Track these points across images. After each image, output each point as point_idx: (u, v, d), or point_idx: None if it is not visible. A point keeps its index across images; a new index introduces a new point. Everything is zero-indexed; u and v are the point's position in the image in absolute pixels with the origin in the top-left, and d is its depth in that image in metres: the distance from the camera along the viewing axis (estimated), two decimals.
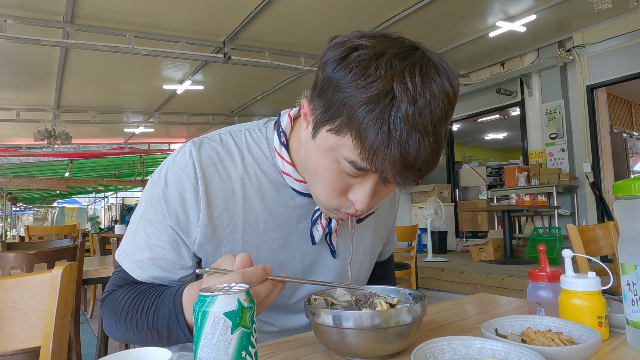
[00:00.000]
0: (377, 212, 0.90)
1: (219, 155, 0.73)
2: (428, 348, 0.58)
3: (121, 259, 0.75)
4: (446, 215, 6.25)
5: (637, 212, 0.65)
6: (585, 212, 5.68)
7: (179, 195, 0.70)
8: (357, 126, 0.55)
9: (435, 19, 5.02)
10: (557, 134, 5.85)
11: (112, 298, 0.74)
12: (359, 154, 0.57)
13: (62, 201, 22.78)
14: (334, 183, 0.63)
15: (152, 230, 0.72)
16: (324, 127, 0.60)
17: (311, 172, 0.66)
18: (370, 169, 0.58)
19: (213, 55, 5.40)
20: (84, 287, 4.47)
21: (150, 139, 10.80)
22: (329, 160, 0.62)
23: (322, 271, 0.82)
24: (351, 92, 0.55)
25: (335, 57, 0.58)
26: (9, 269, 1.84)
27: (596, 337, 0.60)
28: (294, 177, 0.74)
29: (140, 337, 0.70)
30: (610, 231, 1.50)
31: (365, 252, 0.88)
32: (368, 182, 0.62)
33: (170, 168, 0.72)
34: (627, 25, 5.20)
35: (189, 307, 0.65)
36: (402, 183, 0.59)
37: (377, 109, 0.54)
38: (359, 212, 0.66)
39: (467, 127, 9.36)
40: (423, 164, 0.57)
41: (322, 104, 0.60)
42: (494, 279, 4.39)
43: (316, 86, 0.62)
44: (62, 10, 4.34)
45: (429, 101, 0.54)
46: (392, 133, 0.54)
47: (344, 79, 0.56)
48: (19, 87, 6.49)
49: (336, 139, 0.59)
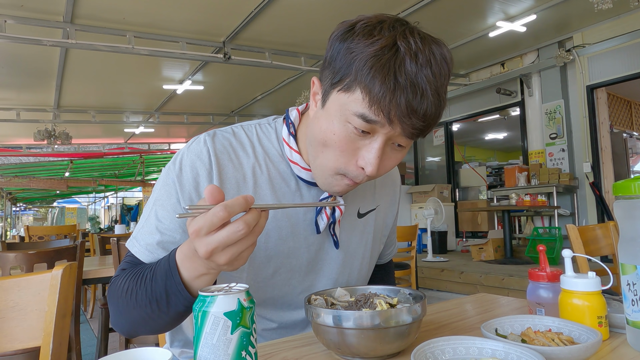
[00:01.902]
0: (377, 209, 0.91)
1: (232, 145, 0.77)
2: (428, 348, 0.58)
3: (131, 245, 0.75)
4: (446, 215, 6.25)
5: (637, 212, 0.65)
6: (585, 212, 5.68)
7: (194, 179, 0.73)
8: (365, 78, 0.60)
9: (435, 19, 5.02)
10: (557, 134, 5.85)
11: (117, 281, 0.72)
12: (367, 104, 0.60)
13: (62, 201, 22.79)
14: (342, 146, 0.66)
15: (164, 214, 0.73)
16: (334, 89, 0.65)
17: (319, 140, 0.68)
18: (379, 119, 0.61)
19: (213, 55, 5.40)
20: (84, 287, 4.48)
21: (150, 139, 10.80)
22: (338, 123, 0.65)
23: (325, 262, 0.83)
24: (358, 51, 0.60)
25: (341, 31, 0.65)
26: (9, 269, 1.84)
27: (596, 337, 0.60)
28: (301, 165, 0.77)
29: (142, 313, 0.67)
30: (610, 231, 1.50)
31: (366, 247, 0.89)
32: (376, 142, 0.65)
33: (186, 155, 0.75)
34: (627, 25, 5.20)
35: (183, 262, 0.61)
36: (408, 131, 0.63)
37: (382, 60, 0.59)
38: (367, 179, 0.68)
39: (467, 127, 9.36)
40: (427, 110, 0.61)
41: (332, 71, 0.65)
42: (494, 279, 4.39)
43: (325, 62, 0.67)
44: (62, 10, 4.34)
45: (429, 58, 0.60)
46: (397, 80, 0.59)
47: (351, 43, 0.62)
48: (19, 87, 6.49)
49: (346, 97, 0.63)
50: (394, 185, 0.97)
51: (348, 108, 0.63)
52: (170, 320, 0.67)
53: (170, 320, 0.67)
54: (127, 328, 0.72)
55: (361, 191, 0.88)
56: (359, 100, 0.61)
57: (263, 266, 0.77)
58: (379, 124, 0.62)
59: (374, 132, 0.64)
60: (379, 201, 0.92)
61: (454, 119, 7.55)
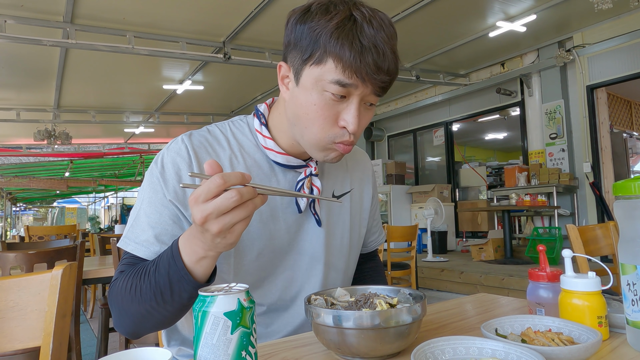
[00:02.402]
0: (352, 192, 0.98)
1: (208, 141, 0.83)
2: (428, 348, 0.58)
3: (124, 244, 0.77)
4: (446, 215, 6.25)
5: (637, 212, 0.65)
6: (585, 212, 5.68)
7: (176, 173, 0.78)
8: (334, 48, 0.67)
9: (435, 19, 5.02)
10: (557, 134, 5.85)
11: (117, 283, 0.73)
12: (341, 70, 0.68)
13: (62, 201, 22.79)
14: (324, 113, 0.73)
15: (152, 210, 0.76)
16: (306, 65, 0.72)
17: (301, 116, 0.75)
18: (353, 81, 0.69)
19: (213, 55, 5.40)
20: (84, 287, 4.48)
21: (150, 139, 10.80)
22: (316, 94, 0.72)
23: (307, 241, 0.87)
24: (321, 27, 0.68)
25: (298, 15, 0.72)
26: (9, 269, 1.84)
27: (596, 337, 0.60)
28: (276, 150, 0.83)
29: (146, 307, 0.68)
30: (610, 231, 1.50)
31: (344, 226, 0.93)
32: (352, 104, 0.72)
33: (166, 154, 0.80)
34: (627, 25, 5.20)
35: (184, 247, 0.64)
36: (377, 88, 0.71)
37: (345, 29, 0.67)
38: (352, 138, 0.75)
39: (467, 127, 9.36)
40: (389, 66, 0.70)
41: (299, 51, 0.72)
42: (494, 279, 4.39)
43: (289, 45, 0.74)
44: (62, 10, 4.34)
45: (380, 23, 0.70)
46: (362, 43, 0.67)
47: (312, 22, 0.69)
48: (19, 87, 6.49)
49: (319, 69, 0.70)
50: (364, 168, 1.04)
51: (323, 78, 0.70)
52: (175, 312, 0.69)
53: (175, 311, 0.69)
54: (131, 327, 0.73)
55: (334, 175, 0.94)
56: (332, 69, 0.69)
57: (248, 249, 0.81)
58: (353, 86, 0.70)
59: (349, 95, 0.72)
60: (354, 184, 0.98)
61: (454, 119, 7.55)
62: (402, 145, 8.88)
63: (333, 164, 0.94)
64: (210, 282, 0.67)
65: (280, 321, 0.85)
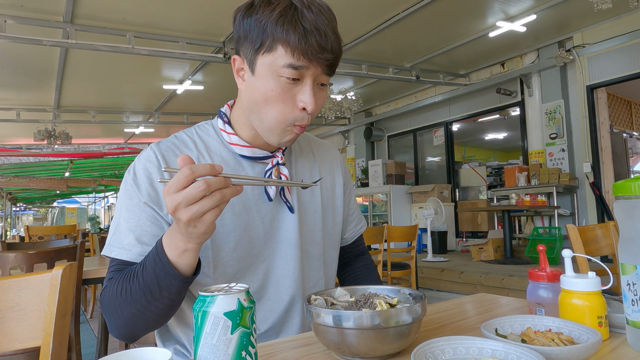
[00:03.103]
0: (322, 180, 1.01)
1: (175, 145, 0.88)
2: (428, 348, 0.58)
3: (108, 251, 0.80)
4: (446, 215, 6.25)
5: (637, 212, 0.65)
6: (585, 212, 5.68)
7: (147, 177, 0.82)
8: (280, 34, 0.73)
9: (435, 19, 5.02)
10: (557, 134, 5.85)
11: (107, 290, 0.76)
12: (290, 54, 0.73)
13: (62, 201, 22.79)
14: (282, 97, 0.77)
15: (130, 215, 0.80)
16: (258, 54, 0.77)
17: (260, 102, 0.79)
18: (302, 63, 0.74)
19: (213, 55, 5.40)
20: (84, 287, 4.48)
21: (150, 139, 10.79)
22: (272, 80, 0.76)
23: (282, 229, 0.90)
24: (266, 17, 0.74)
25: (244, 11, 0.78)
26: (9, 269, 1.84)
27: (596, 337, 0.60)
28: (241, 144, 0.87)
29: (138, 307, 0.71)
30: (610, 231, 1.50)
31: (316, 212, 0.96)
32: (306, 85, 0.77)
33: (137, 162, 0.85)
34: (627, 25, 5.20)
35: (167, 242, 0.68)
36: (325, 67, 0.77)
37: (288, 16, 0.73)
38: (311, 117, 0.80)
39: (467, 127, 9.35)
40: (332, 46, 0.75)
41: (250, 42, 0.77)
42: (494, 279, 4.39)
43: (239, 39, 0.80)
44: (62, 10, 4.34)
45: (319, 8, 0.75)
46: (305, 27, 0.73)
47: (257, 14, 0.75)
48: (19, 87, 6.49)
49: (270, 56, 0.75)
50: (333, 159, 1.07)
51: (276, 64, 0.75)
52: (165, 308, 0.72)
53: (165, 308, 0.72)
54: (125, 329, 0.75)
55: (301, 164, 0.98)
56: (283, 54, 0.74)
57: (224, 241, 0.84)
58: (304, 68, 0.75)
59: (302, 77, 0.76)
60: (323, 173, 1.02)
61: (454, 119, 7.55)
62: (402, 145, 8.88)
63: (300, 155, 0.98)
64: (196, 275, 0.72)
65: (265, 309, 0.87)
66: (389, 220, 7.42)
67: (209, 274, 0.82)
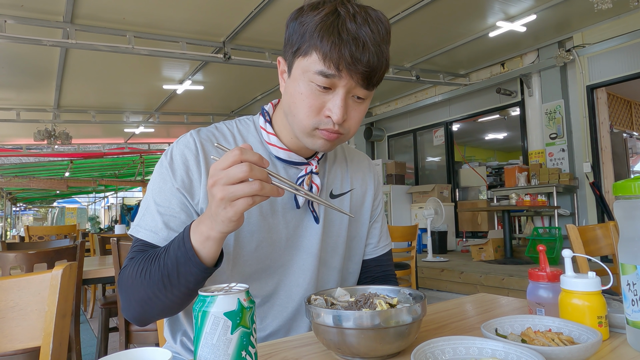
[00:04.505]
0: (352, 191, 0.99)
1: (215, 136, 0.88)
2: (428, 348, 0.58)
3: (135, 231, 0.80)
4: (446, 215, 6.25)
5: (637, 212, 0.65)
6: (585, 212, 5.68)
7: (183, 164, 0.82)
8: (316, 41, 0.72)
9: (435, 19, 5.02)
10: (557, 134, 5.85)
11: (127, 269, 0.75)
12: (323, 62, 0.72)
13: (62, 201, 22.79)
14: (310, 102, 0.76)
15: (161, 199, 0.80)
16: (295, 58, 0.77)
17: (291, 104, 0.79)
18: (333, 72, 0.73)
19: (213, 55, 5.40)
20: (84, 287, 4.48)
21: (150, 139, 10.80)
22: (303, 84, 0.76)
23: (305, 237, 0.90)
24: (308, 21, 0.74)
25: (294, 14, 0.78)
26: (9, 269, 1.84)
27: (596, 337, 0.60)
28: (279, 145, 0.87)
29: (154, 290, 0.71)
30: (610, 231, 1.50)
31: (341, 224, 0.95)
32: (337, 95, 0.76)
33: (175, 147, 0.85)
34: (627, 25, 5.20)
35: (195, 227, 0.67)
36: (359, 80, 0.74)
37: (327, 23, 0.72)
38: (337, 128, 0.78)
39: (467, 127, 9.35)
40: (369, 59, 0.72)
41: (291, 45, 0.77)
42: (494, 279, 4.39)
43: (285, 42, 0.80)
44: (62, 10, 4.34)
45: (365, 18, 0.73)
46: (341, 36, 0.71)
47: (302, 17, 0.75)
48: (19, 87, 6.49)
49: (305, 61, 0.75)
50: (367, 171, 1.06)
51: (309, 69, 0.74)
52: (180, 296, 0.71)
53: (181, 296, 0.71)
54: (137, 311, 0.75)
55: (333, 175, 0.97)
56: (316, 61, 0.73)
57: (247, 240, 0.84)
58: (336, 77, 0.73)
59: (334, 86, 0.75)
60: (354, 185, 1.00)
61: (454, 119, 7.55)
62: (402, 145, 8.88)
63: (334, 164, 0.98)
64: (216, 268, 0.70)
65: (274, 314, 0.87)
66: (389, 220, 7.42)
67: (226, 270, 0.82)
